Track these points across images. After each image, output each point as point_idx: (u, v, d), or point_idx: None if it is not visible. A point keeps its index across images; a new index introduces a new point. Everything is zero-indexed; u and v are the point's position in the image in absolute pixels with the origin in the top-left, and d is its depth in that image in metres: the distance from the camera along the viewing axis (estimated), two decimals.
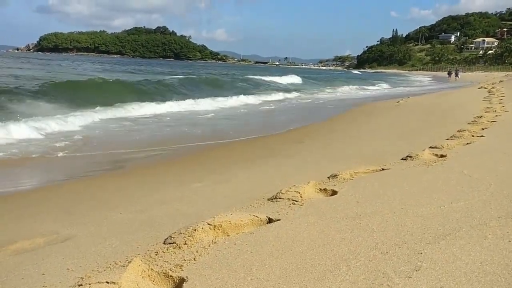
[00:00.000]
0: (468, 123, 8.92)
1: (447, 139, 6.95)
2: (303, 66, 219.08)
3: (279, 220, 2.98)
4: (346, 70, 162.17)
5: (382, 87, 42.51)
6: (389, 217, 2.94)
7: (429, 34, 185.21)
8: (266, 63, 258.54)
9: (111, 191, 5.47)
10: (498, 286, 1.99)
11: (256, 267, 2.25)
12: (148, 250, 2.60)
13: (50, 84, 20.17)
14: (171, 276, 2.22)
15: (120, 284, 2.08)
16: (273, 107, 19.52)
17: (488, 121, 9.08)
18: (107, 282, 2.10)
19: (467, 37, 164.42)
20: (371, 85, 44.93)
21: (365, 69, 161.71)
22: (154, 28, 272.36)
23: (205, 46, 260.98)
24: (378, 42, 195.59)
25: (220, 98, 21.27)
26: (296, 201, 3.44)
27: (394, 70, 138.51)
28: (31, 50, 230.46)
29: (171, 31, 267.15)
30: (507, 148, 5.92)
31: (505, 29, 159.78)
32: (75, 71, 41.49)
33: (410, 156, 5.36)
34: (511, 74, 57.35)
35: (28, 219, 4.35)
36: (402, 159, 5.35)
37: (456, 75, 57.17)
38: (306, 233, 2.70)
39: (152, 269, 2.27)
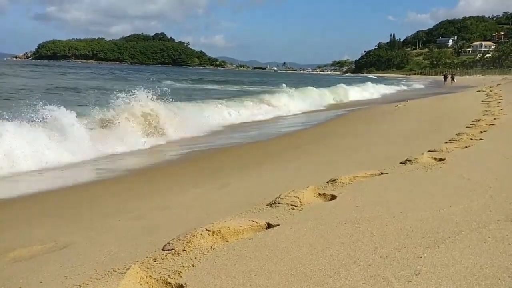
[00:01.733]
0: (467, 126, 8.92)
1: (446, 142, 6.95)
2: (302, 72, 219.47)
3: (278, 225, 2.97)
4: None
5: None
6: (388, 221, 2.93)
7: (427, 38, 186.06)
8: (264, 68, 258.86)
9: (109, 198, 5.45)
10: None
11: (256, 273, 2.24)
12: (147, 257, 2.58)
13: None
14: (169, 283, 2.21)
15: None
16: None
17: (487, 124, 9.09)
18: None
19: (465, 41, 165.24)
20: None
21: (363, 73, 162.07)
22: (152, 34, 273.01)
23: (203, 52, 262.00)
24: (376, 47, 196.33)
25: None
26: (295, 206, 3.43)
27: (393, 75, 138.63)
28: (30, 58, 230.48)
29: (169, 37, 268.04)
30: (506, 151, 5.92)
31: (502, 33, 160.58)
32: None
33: (409, 160, 5.36)
34: (509, 77, 57.50)
35: (26, 226, 4.33)
36: (401, 163, 5.35)
37: (452, 79, 60.47)
38: (305, 238, 2.69)
39: (150, 276, 2.26)
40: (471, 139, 7.14)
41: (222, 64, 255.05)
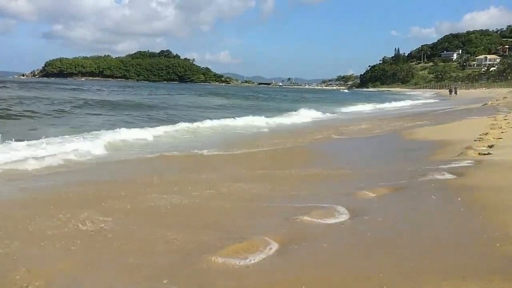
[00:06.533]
0: (474, 140, 8.95)
1: (455, 156, 7.00)
2: (307, 87, 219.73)
3: None
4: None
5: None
6: None
7: (431, 52, 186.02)
8: (269, 84, 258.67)
9: None
10: None
11: None
12: None
13: None
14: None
15: None
16: None
17: (494, 138, 9.11)
18: None
19: (469, 55, 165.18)
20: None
21: (368, 88, 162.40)
22: (158, 51, 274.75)
23: (208, 68, 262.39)
24: (381, 61, 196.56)
25: None
26: None
27: (398, 89, 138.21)
28: (37, 76, 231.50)
29: (174, 54, 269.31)
30: None
31: (506, 46, 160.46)
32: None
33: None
34: None
35: None
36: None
37: (455, 92, 69.35)
38: None
39: None
40: (479, 153, 7.18)
41: (227, 80, 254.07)
